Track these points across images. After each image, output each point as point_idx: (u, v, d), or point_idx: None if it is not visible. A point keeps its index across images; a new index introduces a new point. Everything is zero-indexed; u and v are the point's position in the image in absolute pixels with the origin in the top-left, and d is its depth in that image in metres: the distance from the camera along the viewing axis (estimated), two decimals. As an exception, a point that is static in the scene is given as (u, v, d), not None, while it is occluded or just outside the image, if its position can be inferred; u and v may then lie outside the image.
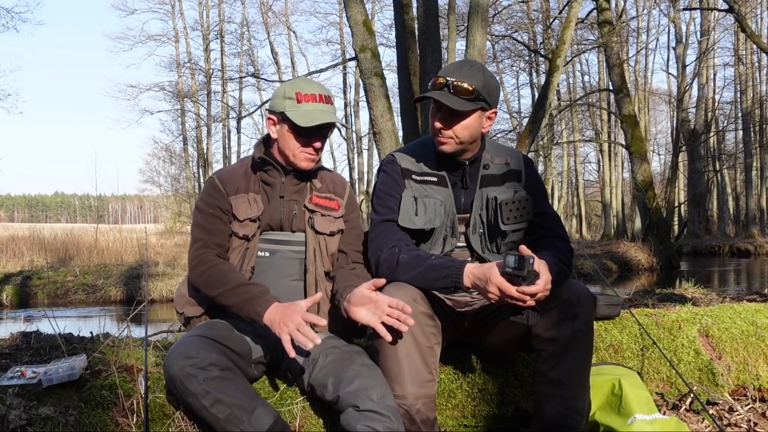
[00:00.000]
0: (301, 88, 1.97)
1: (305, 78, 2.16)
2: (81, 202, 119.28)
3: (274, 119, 2.03)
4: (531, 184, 2.17)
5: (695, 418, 2.44)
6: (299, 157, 2.00)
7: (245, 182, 2.05)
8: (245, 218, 1.99)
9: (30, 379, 1.87)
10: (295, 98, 1.95)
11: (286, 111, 1.95)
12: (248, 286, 1.90)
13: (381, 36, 27.71)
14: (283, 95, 1.99)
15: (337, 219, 2.08)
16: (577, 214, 31.71)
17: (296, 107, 1.94)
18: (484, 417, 2.24)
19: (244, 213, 2.00)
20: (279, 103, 1.99)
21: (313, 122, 1.92)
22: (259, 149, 2.09)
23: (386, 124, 8.07)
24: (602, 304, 2.59)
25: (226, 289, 1.89)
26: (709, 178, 26.62)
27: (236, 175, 2.06)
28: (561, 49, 12.03)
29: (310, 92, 1.96)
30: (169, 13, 29.13)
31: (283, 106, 1.97)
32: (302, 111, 1.94)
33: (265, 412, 1.78)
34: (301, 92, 1.95)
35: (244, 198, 2.01)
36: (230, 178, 2.05)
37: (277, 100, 2.01)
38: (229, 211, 2.01)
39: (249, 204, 2.01)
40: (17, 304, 9.04)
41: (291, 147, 1.99)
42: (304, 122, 1.92)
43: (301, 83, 2.00)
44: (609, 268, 13.91)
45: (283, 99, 1.98)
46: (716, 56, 27.51)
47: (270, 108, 2.05)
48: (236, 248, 2.02)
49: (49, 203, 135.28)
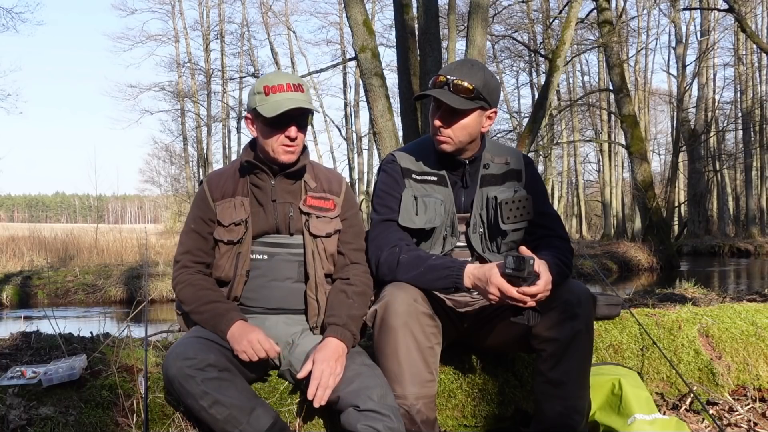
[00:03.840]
0: (269, 81, 1.95)
1: (276, 72, 2.13)
2: (81, 202, 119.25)
3: (251, 118, 2.02)
4: (531, 183, 2.16)
5: (695, 418, 2.44)
6: (278, 151, 1.97)
7: (233, 186, 2.03)
8: (230, 223, 1.99)
9: (30, 379, 1.87)
10: (264, 92, 1.93)
11: (257, 106, 1.94)
12: (217, 303, 1.94)
13: (381, 36, 27.71)
14: (254, 92, 1.98)
15: (333, 219, 2.06)
16: (577, 214, 31.69)
17: (265, 100, 1.93)
18: (484, 417, 2.24)
19: (229, 218, 1.99)
20: (251, 100, 1.98)
21: (279, 110, 1.89)
22: (247, 153, 2.07)
23: (386, 124, 8.07)
24: (602, 304, 2.59)
25: (197, 306, 1.95)
26: (709, 178, 26.62)
27: (225, 177, 2.06)
28: (561, 49, 12.03)
29: (278, 83, 1.94)
30: (169, 13, 29.11)
31: (254, 102, 1.96)
32: (270, 102, 1.92)
33: (264, 412, 1.78)
34: (269, 84, 1.93)
35: (230, 203, 2.01)
36: (218, 182, 2.04)
37: (249, 98, 2.01)
38: (213, 219, 2.02)
39: (234, 208, 2.00)
40: (17, 304, 9.04)
41: (268, 142, 1.97)
42: (271, 112, 1.90)
43: (269, 76, 1.98)
44: (609, 268, 13.91)
45: (254, 95, 1.97)
46: (716, 56, 27.54)
47: (246, 108, 2.05)
48: (225, 254, 2.01)
49: (49, 203, 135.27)
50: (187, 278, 2.00)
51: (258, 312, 2.02)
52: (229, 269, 2.00)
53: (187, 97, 28.73)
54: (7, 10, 23.37)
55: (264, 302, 2.01)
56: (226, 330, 1.87)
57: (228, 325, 1.87)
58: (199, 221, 2.03)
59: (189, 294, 1.98)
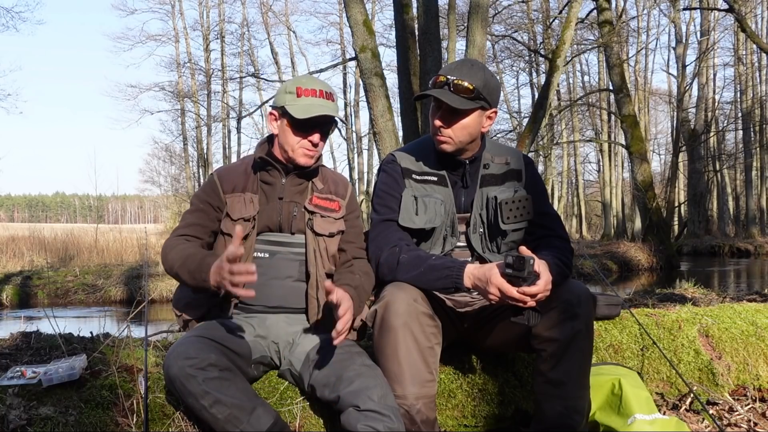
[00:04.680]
0: (303, 83, 1.99)
1: (309, 75, 2.17)
2: (81, 202, 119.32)
3: (275, 114, 2.04)
4: (531, 183, 2.16)
5: (695, 418, 2.44)
6: (297, 152, 2.00)
7: (244, 181, 2.05)
8: (239, 217, 1.99)
9: (30, 379, 1.87)
10: (296, 92, 1.96)
11: (286, 105, 1.97)
12: (195, 254, 1.89)
13: (381, 36, 27.74)
14: (284, 90, 2.01)
15: (337, 221, 2.08)
16: (577, 214, 31.69)
17: (295, 101, 1.96)
18: (484, 417, 2.24)
19: (238, 212, 2.00)
20: (280, 98, 2.01)
21: (309, 114, 1.92)
22: (262, 149, 2.09)
23: (386, 124, 8.07)
24: (602, 304, 2.59)
25: (179, 264, 1.90)
26: (709, 178, 26.62)
27: (236, 173, 2.07)
28: (561, 49, 12.03)
29: (311, 87, 1.97)
30: (169, 13, 29.10)
31: (283, 100, 1.99)
32: (301, 104, 1.95)
33: (264, 412, 1.78)
34: (302, 87, 1.97)
35: (240, 197, 2.02)
36: (229, 176, 2.06)
37: (278, 96, 2.03)
38: (220, 209, 2.02)
39: (245, 204, 2.01)
40: (17, 304, 9.04)
41: (290, 142, 1.99)
42: (301, 114, 1.93)
43: (303, 79, 2.02)
44: (609, 268, 13.91)
45: (284, 94, 2.00)
46: (716, 56, 27.53)
47: (272, 104, 2.07)
48: None
49: (49, 203, 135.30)
50: (174, 241, 1.99)
51: (259, 311, 2.02)
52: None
53: (187, 97, 28.73)
54: (7, 10, 23.44)
55: (264, 300, 2.01)
56: (208, 275, 1.79)
57: (207, 272, 1.80)
58: (207, 205, 2.04)
59: (173, 254, 1.94)
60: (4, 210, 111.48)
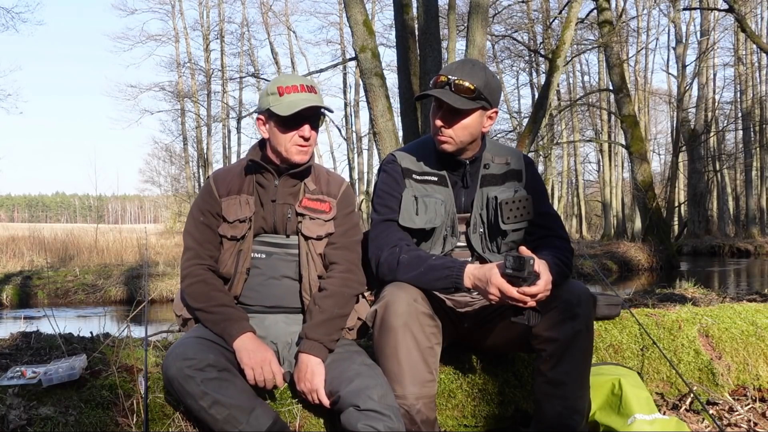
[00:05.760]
0: (282, 82, 1.98)
1: (287, 74, 2.19)
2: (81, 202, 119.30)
3: (262, 119, 2.04)
4: (531, 183, 2.16)
5: (695, 418, 2.44)
6: (291, 151, 1.99)
7: (239, 183, 2.05)
8: (234, 219, 2.00)
9: (30, 379, 1.87)
10: (278, 92, 1.96)
11: (271, 106, 1.96)
12: (229, 308, 1.94)
13: (381, 36, 27.72)
14: (267, 93, 2.00)
15: (327, 222, 2.06)
16: (577, 214, 31.68)
17: (279, 101, 1.95)
18: (484, 417, 2.24)
19: (233, 214, 2.00)
20: (264, 101, 2.00)
21: (296, 108, 1.92)
22: (254, 152, 2.09)
23: (386, 124, 8.07)
24: (602, 304, 2.59)
25: (208, 305, 1.94)
26: (709, 178, 26.61)
27: (231, 175, 2.07)
28: (561, 49, 12.03)
29: (292, 84, 1.97)
30: (169, 13, 29.12)
31: (267, 103, 1.98)
32: (285, 102, 1.94)
33: (263, 412, 1.78)
34: (283, 85, 1.96)
35: (236, 199, 2.02)
36: (225, 179, 2.06)
37: (262, 100, 2.02)
38: (219, 214, 2.02)
39: (240, 205, 2.01)
40: (17, 304, 9.03)
41: (281, 142, 1.99)
42: (287, 111, 1.92)
43: (282, 78, 2.01)
44: (609, 268, 13.90)
45: (267, 96, 1.99)
46: (716, 56, 27.52)
47: (257, 110, 2.07)
48: (228, 249, 2.02)
49: (49, 203, 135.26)
50: (201, 273, 1.99)
51: (257, 311, 2.03)
52: (230, 266, 2.01)
53: (187, 97, 28.73)
54: (7, 10, 23.38)
55: (262, 300, 2.02)
56: (236, 336, 1.87)
57: (239, 332, 1.87)
58: (208, 214, 2.04)
59: (201, 291, 1.97)
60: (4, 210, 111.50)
